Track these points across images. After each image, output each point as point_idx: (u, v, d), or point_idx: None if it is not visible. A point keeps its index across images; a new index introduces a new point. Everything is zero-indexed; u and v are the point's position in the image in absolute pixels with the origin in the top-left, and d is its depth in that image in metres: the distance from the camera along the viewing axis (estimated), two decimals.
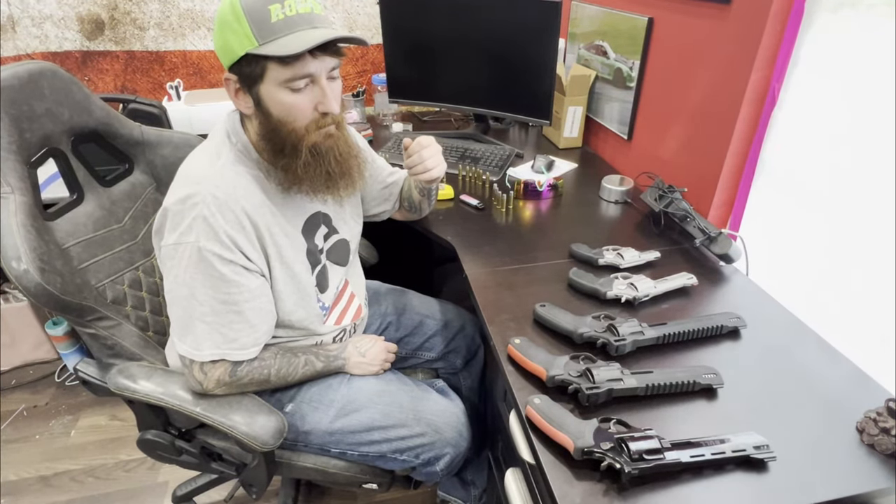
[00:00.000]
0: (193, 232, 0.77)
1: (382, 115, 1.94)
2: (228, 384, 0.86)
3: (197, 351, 0.82)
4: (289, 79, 0.75)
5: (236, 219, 0.79)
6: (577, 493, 0.61)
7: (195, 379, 0.85)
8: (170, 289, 0.82)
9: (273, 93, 0.77)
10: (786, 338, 0.85)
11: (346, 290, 1.05)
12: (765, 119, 1.01)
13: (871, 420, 0.67)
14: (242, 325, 0.83)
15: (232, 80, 0.78)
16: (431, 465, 0.98)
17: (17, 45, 1.78)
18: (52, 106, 0.90)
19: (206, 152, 0.85)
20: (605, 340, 0.80)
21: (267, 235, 0.84)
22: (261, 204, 0.83)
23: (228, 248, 0.78)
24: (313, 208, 0.94)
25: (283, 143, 0.80)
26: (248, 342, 0.84)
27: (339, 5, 1.90)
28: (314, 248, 0.94)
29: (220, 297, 0.80)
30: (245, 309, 0.82)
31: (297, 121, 0.79)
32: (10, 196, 0.81)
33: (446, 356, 1.20)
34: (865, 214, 0.86)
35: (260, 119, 0.81)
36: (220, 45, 0.76)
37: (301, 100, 0.78)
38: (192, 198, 0.77)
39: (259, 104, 0.79)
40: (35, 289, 0.79)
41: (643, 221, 1.20)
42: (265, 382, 0.90)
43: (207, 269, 0.78)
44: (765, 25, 0.93)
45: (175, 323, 0.84)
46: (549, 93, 1.46)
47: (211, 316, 0.81)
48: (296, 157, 0.81)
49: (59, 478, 1.53)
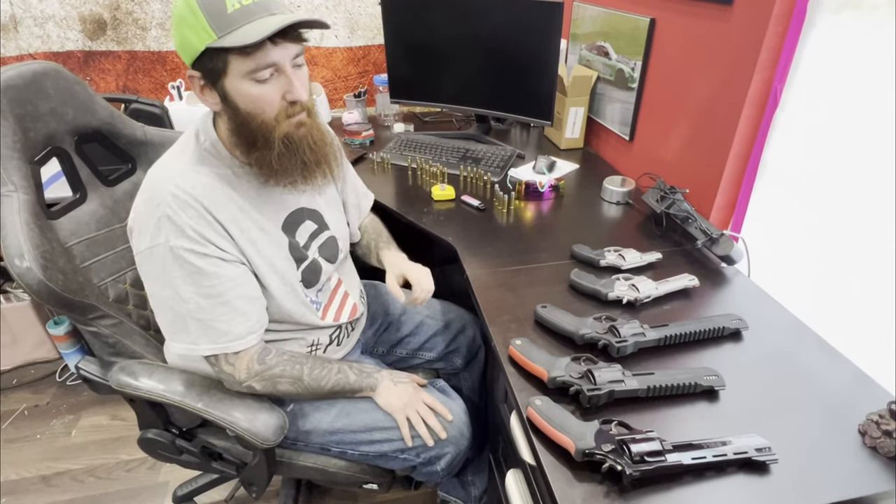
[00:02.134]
0: (162, 233, 0.77)
1: (384, 115, 1.94)
2: (260, 373, 0.86)
3: (195, 346, 0.82)
4: (252, 70, 0.73)
5: (198, 214, 0.78)
6: (577, 495, 0.61)
7: (226, 373, 0.85)
8: (152, 293, 0.82)
9: (238, 86, 0.75)
10: (788, 339, 0.85)
11: (339, 289, 1.05)
12: (767, 120, 1.01)
13: (873, 422, 0.67)
14: (232, 315, 0.82)
15: (196, 77, 0.77)
16: (432, 465, 0.98)
17: (20, 45, 1.78)
18: (56, 106, 0.90)
19: (169, 155, 0.85)
20: (607, 342, 0.80)
21: (236, 231, 0.83)
22: (225, 200, 0.82)
23: (199, 242, 0.78)
24: (296, 204, 0.93)
25: (254, 136, 0.79)
26: (241, 331, 0.84)
27: (340, 6, 1.90)
28: (296, 244, 0.93)
29: (204, 291, 0.80)
30: (230, 299, 0.82)
31: (265, 112, 0.77)
32: (13, 194, 0.82)
33: (447, 356, 1.20)
34: (867, 216, 0.86)
35: (229, 114, 0.79)
36: (179, 42, 0.75)
37: (267, 90, 0.76)
38: (152, 199, 0.77)
39: (226, 99, 0.77)
40: (37, 286, 0.80)
41: (645, 222, 1.20)
42: (298, 380, 0.89)
43: (184, 265, 0.78)
44: (767, 27, 0.93)
45: (166, 324, 0.83)
46: (550, 93, 1.46)
47: (199, 313, 0.80)
48: (268, 148, 0.80)
49: (59, 477, 1.53)
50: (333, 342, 1.04)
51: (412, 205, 1.31)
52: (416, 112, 2.06)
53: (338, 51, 1.98)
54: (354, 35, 1.96)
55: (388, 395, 0.96)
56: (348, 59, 2.00)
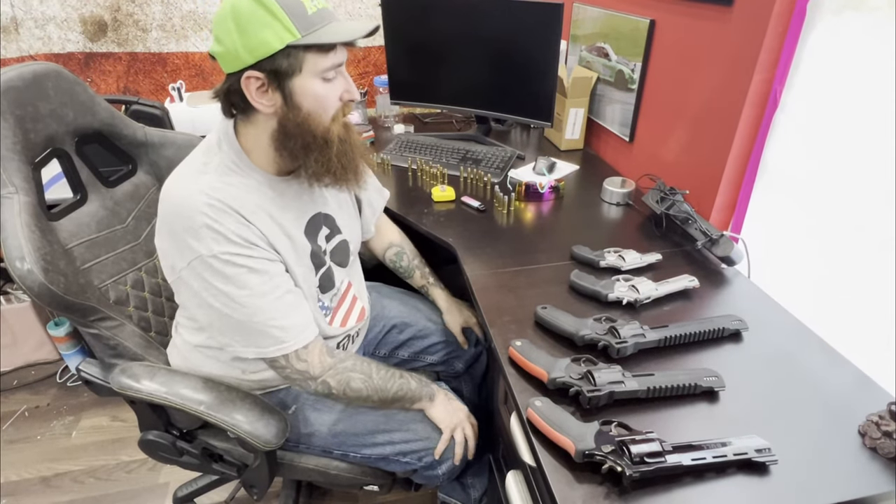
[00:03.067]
0: (203, 243, 0.76)
1: (384, 116, 1.94)
2: (333, 366, 0.87)
3: (263, 349, 0.83)
4: (326, 68, 0.77)
5: (237, 220, 0.79)
6: (578, 496, 0.61)
7: (299, 371, 0.85)
8: (205, 311, 0.82)
9: (308, 85, 0.77)
10: (788, 340, 0.85)
11: (349, 293, 1.05)
12: (767, 121, 1.01)
13: (873, 423, 0.67)
14: (289, 309, 0.84)
15: (254, 79, 0.76)
16: (433, 469, 0.98)
17: (21, 47, 1.79)
18: (56, 107, 0.90)
19: (190, 169, 0.83)
20: (607, 343, 0.80)
21: (271, 236, 0.84)
22: (256, 209, 0.82)
23: (244, 246, 0.79)
24: (314, 209, 0.94)
25: (312, 136, 0.80)
26: (304, 322, 0.85)
27: (340, 6, 1.90)
28: (318, 250, 0.94)
29: (257, 290, 0.80)
30: (283, 293, 0.83)
31: (326, 112, 0.81)
32: (14, 196, 0.82)
33: (448, 359, 1.20)
34: (867, 217, 0.86)
35: (285, 115, 0.79)
36: (243, 43, 0.73)
37: (332, 89, 0.80)
38: (182, 214, 0.76)
39: (290, 99, 0.78)
40: (38, 288, 0.80)
41: (645, 223, 1.20)
42: (369, 377, 0.90)
43: (233, 269, 0.78)
44: (766, 28, 0.93)
45: (228, 336, 0.83)
46: (550, 94, 1.46)
47: (258, 315, 0.80)
48: (328, 147, 0.82)
49: (60, 478, 1.53)
50: (341, 349, 1.04)
51: (412, 206, 1.31)
52: (416, 113, 2.06)
53: None
54: None
55: (443, 409, 0.99)
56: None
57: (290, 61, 0.75)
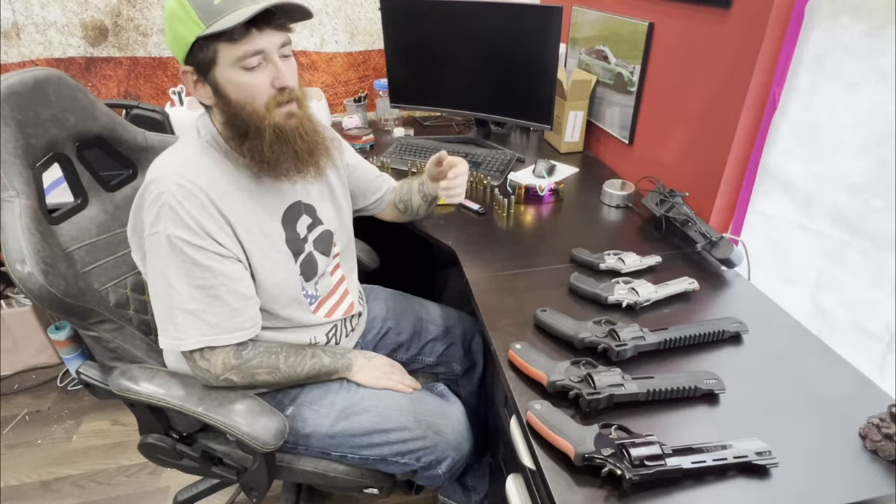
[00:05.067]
0: (161, 221, 0.78)
1: (384, 119, 1.95)
2: (237, 367, 0.86)
3: (180, 341, 0.82)
4: (240, 57, 0.76)
5: (202, 205, 0.79)
6: (577, 500, 0.61)
7: (201, 369, 0.85)
8: (149, 282, 0.84)
9: (228, 74, 0.77)
10: (788, 343, 0.85)
11: (340, 285, 1.06)
12: (765, 124, 1.01)
13: (873, 426, 0.67)
14: (222, 310, 0.83)
15: (189, 73, 0.79)
16: (433, 469, 0.98)
17: (22, 52, 1.79)
18: (57, 112, 0.91)
19: (172, 149, 0.87)
20: (606, 345, 0.80)
21: (238, 223, 0.84)
22: (227, 192, 0.83)
23: (197, 235, 0.79)
24: (293, 197, 0.94)
25: (245, 125, 0.81)
26: (230, 326, 0.84)
27: (340, 11, 1.91)
28: (295, 237, 0.94)
29: (196, 282, 0.80)
30: (222, 293, 0.82)
31: (255, 100, 0.79)
32: (15, 200, 0.82)
33: (447, 361, 1.20)
34: (866, 219, 0.86)
35: (220, 107, 0.81)
36: (171, 38, 0.78)
37: (256, 78, 0.78)
38: (156, 188, 0.79)
39: (217, 90, 0.79)
40: (39, 291, 0.80)
41: (644, 226, 1.20)
42: (275, 370, 0.90)
43: (179, 255, 0.79)
44: (765, 30, 0.93)
45: (158, 318, 0.84)
46: (550, 97, 1.46)
47: (190, 303, 0.81)
48: (260, 138, 0.81)
49: (60, 483, 1.53)
50: (331, 341, 1.04)
51: None
52: (416, 116, 2.07)
53: (338, 56, 1.99)
54: (354, 40, 1.97)
55: (366, 374, 1.00)
56: (348, 63, 2.01)
57: (206, 53, 0.76)
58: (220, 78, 0.78)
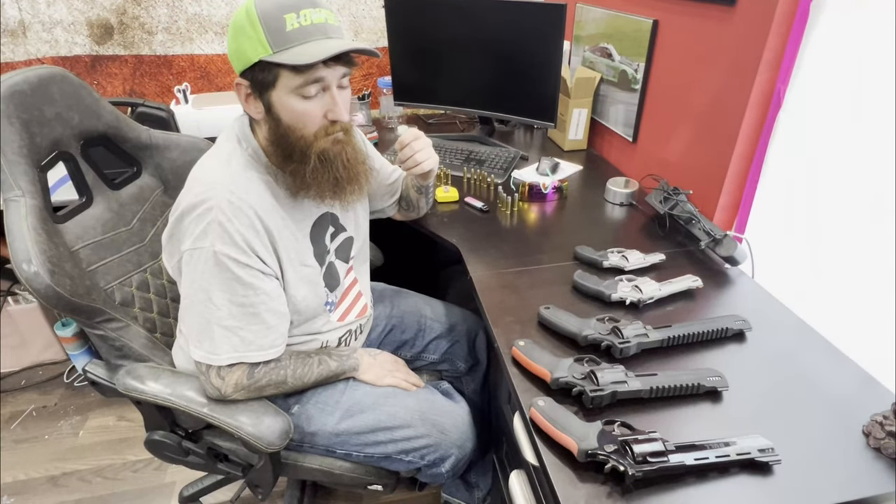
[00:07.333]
0: (209, 237, 0.77)
1: (388, 117, 1.95)
2: (246, 387, 0.86)
3: (214, 356, 0.82)
4: (300, 85, 0.76)
5: (250, 222, 0.80)
6: (580, 496, 0.62)
7: (213, 385, 0.85)
8: (186, 294, 0.83)
9: (284, 100, 0.78)
10: (791, 341, 0.85)
11: (353, 288, 1.06)
12: (770, 121, 1.00)
13: (877, 423, 0.67)
14: (259, 328, 0.83)
15: (243, 85, 0.79)
16: (437, 467, 0.99)
17: (28, 50, 1.80)
18: (62, 110, 0.91)
19: (217, 157, 0.85)
20: (610, 343, 0.80)
21: (278, 239, 0.85)
22: (271, 208, 0.84)
23: (244, 252, 0.79)
24: (320, 211, 0.95)
25: (291, 148, 0.81)
26: (265, 343, 0.85)
27: (344, 9, 1.91)
28: (322, 251, 0.95)
29: (237, 300, 0.81)
30: (261, 311, 0.83)
31: (306, 127, 0.80)
32: (20, 199, 0.83)
33: (450, 358, 1.21)
34: (871, 217, 0.85)
35: (270, 124, 0.82)
36: (234, 49, 0.77)
37: (311, 107, 0.79)
38: (206, 202, 0.78)
39: (269, 110, 0.80)
40: (45, 291, 0.80)
41: (648, 224, 1.20)
42: (282, 384, 0.90)
43: (223, 272, 0.79)
44: (770, 27, 0.93)
45: (191, 329, 0.84)
46: (553, 95, 1.46)
47: (228, 320, 0.81)
48: (304, 162, 0.82)
49: (67, 478, 1.55)
50: (342, 344, 1.04)
51: None
52: (419, 114, 2.07)
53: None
54: (358, 38, 1.97)
55: (371, 373, 1.01)
56: None
57: (266, 75, 0.76)
58: (275, 99, 0.78)
